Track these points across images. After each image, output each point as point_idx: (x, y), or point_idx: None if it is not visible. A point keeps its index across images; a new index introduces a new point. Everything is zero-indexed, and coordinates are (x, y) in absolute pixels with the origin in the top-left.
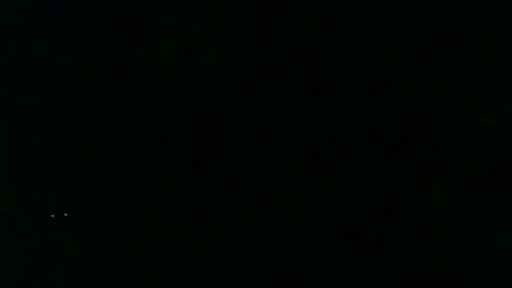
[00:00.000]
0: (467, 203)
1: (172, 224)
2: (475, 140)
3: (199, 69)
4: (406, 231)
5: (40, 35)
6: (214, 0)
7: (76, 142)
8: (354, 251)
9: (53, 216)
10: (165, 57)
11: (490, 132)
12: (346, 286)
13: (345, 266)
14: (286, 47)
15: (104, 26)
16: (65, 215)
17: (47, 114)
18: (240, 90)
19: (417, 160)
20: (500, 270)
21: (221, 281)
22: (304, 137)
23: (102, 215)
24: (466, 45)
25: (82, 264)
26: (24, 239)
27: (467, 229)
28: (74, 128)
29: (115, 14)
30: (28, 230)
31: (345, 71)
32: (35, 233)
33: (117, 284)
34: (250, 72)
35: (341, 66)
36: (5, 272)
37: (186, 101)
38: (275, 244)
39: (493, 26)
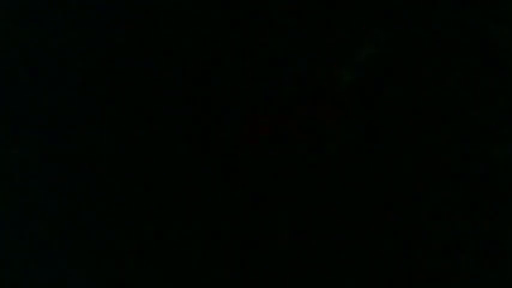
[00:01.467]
0: (467, 204)
1: (171, 223)
2: (476, 140)
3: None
4: (406, 232)
5: (40, 34)
6: None
7: (76, 141)
8: (354, 251)
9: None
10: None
11: (491, 132)
12: (345, 286)
13: (344, 266)
14: (285, 45)
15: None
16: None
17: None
18: (239, 87)
19: (417, 160)
20: (500, 271)
21: (219, 280)
22: (303, 135)
23: (101, 213)
24: (467, 45)
25: (80, 262)
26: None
27: (467, 230)
28: (73, 126)
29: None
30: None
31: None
32: (33, 230)
33: (115, 283)
34: (248, 70)
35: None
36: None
37: (186, 98)
38: (274, 244)
39: (494, 26)
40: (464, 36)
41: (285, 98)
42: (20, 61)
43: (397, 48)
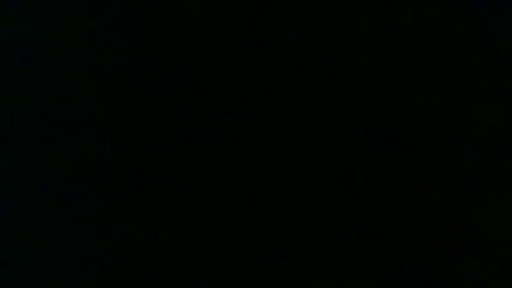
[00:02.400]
0: (467, 204)
1: (171, 223)
2: (476, 141)
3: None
4: (406, 232)
5: (41, 34)
6: None
7: (76, 140)
8: (353, 251)
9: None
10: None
11: (491, 133)
12: (344, 285)
13: (343, 266)
14: (285, 46)
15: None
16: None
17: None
18: (239, 88)
19: (417, 159)
20: (500, 271)
21: (219, 280)
22: (303, 136)
23: (101, 214)
24: (468, 46)
25: (80, 263)
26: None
27: (467, 230)
28: (73, 126)
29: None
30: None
31: (345, 70)
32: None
33: (113, 282)
34: (248, 70)
35: (341, 65)
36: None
37: (188, 99)
38: (273, 244)
39: (494, 26)
40: (465, 36)
41: (285, 97)
42: (20, 61)
43: (397, 47)
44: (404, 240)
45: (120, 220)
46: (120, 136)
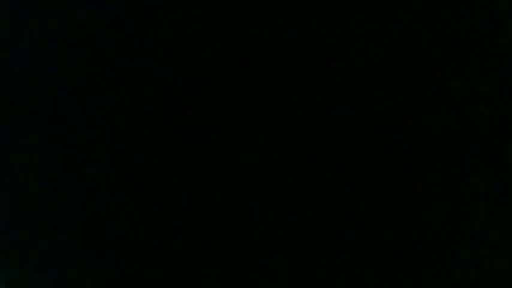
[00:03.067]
0: (467, 204)
1: (171, 222)
2: (476, 141)
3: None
4: (404, 230)
5: (41, 33)
6: None
7: (76, 140)
8: (353, 250)
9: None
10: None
11: (491, 132)
12: (344, 284)
13: (343, 265)
14: (285, 43)
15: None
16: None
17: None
18: (238, 86)
19: (416, 159)
20: (500, 270)
21: (219, 280)
22: (303, 136)
23: (101, 213)
24: (468, 45)
25: (80, 262)
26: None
27: (466, 229)
28: (73, 126)
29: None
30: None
31: (345, 70)
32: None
33: (115, 283)
34: (248, 69)
35: (341, 65)
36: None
37: (188, 100)
38: (271, 242)
39: (494, 25)
40: (465, 36)
41: (284, 96)
42: (19, 60)
43: (397, 47)
44: (404, 240)
45: (120, 220)
46: (120, 136)
